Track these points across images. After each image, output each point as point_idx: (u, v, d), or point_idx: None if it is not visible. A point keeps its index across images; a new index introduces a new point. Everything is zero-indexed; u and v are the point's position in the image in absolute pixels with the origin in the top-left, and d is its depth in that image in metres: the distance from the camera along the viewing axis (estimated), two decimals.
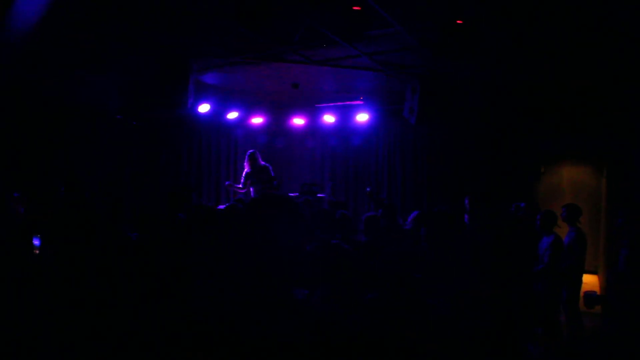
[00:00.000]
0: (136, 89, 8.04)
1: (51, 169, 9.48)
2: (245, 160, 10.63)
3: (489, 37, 6.45)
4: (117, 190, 10.33)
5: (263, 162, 10.65)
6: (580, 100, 9.02)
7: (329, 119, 12.27)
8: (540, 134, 10.25)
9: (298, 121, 12.79)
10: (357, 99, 11.33)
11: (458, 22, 5.66)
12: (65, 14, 5.98)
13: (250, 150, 10.72)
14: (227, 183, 10.92)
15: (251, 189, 10.50)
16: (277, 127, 13.14)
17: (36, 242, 4.77)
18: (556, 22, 5.88)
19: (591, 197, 10.59)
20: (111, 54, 7.65)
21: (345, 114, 12.09)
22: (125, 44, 7.27)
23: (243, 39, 7.05)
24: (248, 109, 12.33)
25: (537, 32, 6.28)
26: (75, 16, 6.10)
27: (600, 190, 10.74)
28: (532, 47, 6.89)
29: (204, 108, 10.71)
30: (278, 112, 12.71)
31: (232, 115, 11.92)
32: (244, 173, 10.69)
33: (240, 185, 10.64)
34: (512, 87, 8.94)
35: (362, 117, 11.73)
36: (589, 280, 8.97)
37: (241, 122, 12.62)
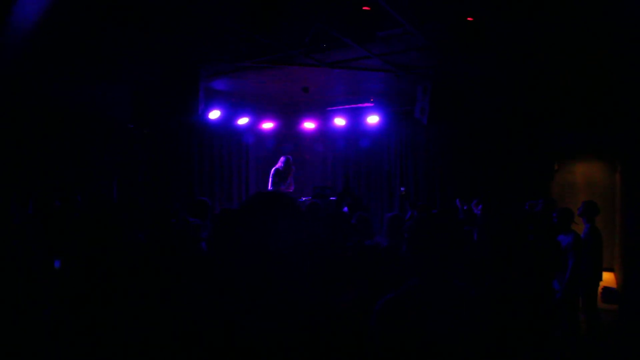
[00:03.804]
0: (147, 98, 8.08)
1: (64, 176, 9.53)
2: (280, 163, 10.71)
3: (499, 34, 6.42)
4: (130, 196, 10.36)
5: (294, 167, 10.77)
6: (592, 97, 8.94)
7: (339, 122, 12.26)
8: (552, 130, 10.18)
9: (309, 125, 12.80)
10: (367, 101, 11.32)
11: (469, 19, 5.62)
12: (75, 22, 6.02)
13: (287, 156, 10.83)
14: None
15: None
16: (287, 132, 13.16)
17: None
18: (569, 17, 5.84)
19: (605, 194, 10.49)
20: (121, 63, 7.69)
21: (355, 117, 12.07)
22: (136, 53, 7.30)
23: (252, 43, 7.07)
24: (258, 114, 12.37)
25: (549, 27, 6.24)
26: (85, 25, 6.14)
27: (614, 187, 10.66)
28: (543, 43, 6.85)
29: (214, 114, 10.75)
30: (288, 116, 12.73)
31: (243, 120, 11.95)
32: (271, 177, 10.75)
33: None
34: (523, 85, 8.88)
35: (373, 120, 11.70)
36: (606, 278, 8.89)
37: (252, 127, 12.66)
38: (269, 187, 10.53)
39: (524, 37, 6.62)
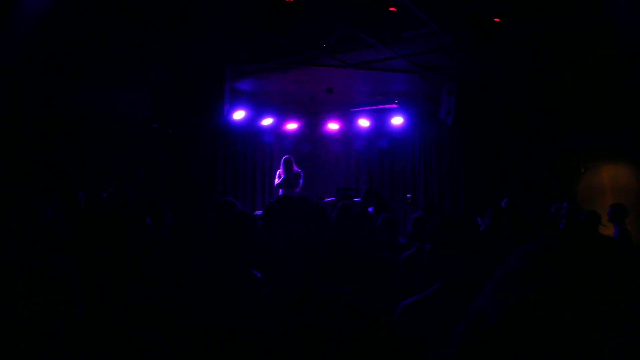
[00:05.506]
0: (173, 99, 8.12)
1: (89, 176, 9.65)
2: (281, 166, 10.68)
3: (523, 33, 6.36)
4: (155, 196, 10.45)
5: (297, 169, 10.66)
6: (619, 98, 8.80)
7: (363, 123, 12.23)
8: (578, 132, 10.05)
9: (333, 126, 12.78)
10: (391, 102, 11.28)
11: (495, 20, 5.58)
12: (100, 26, 6.10)
13: (286, 156, 10.77)
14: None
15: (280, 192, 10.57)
16: (311, 133, 13.15)
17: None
18: (592, 17, 5.76)
19: (633, 197, 10.30)
20: (147, 65, 7.77)
21: (380, 118, 12.05)
22: (162, 55, 7.38)
23: (277, 44, 7.10)
24: (282, 115, 12.39)
25: (572, 27, 6.16)
26: (110, 28, 6.22)
27: None
28: (567, 42, 6.77)
29: (238, 115, 10.80)
30: (312, 117, 12.74)
31: (267, 121, 11.99)
32: (278, 178, 10.74)
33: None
34: (549, 86, 8.78)
35: (397, 121, 11.67)
36: None
37: (276, 128, 12.68)
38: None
39: (550, 37, 6.55)
